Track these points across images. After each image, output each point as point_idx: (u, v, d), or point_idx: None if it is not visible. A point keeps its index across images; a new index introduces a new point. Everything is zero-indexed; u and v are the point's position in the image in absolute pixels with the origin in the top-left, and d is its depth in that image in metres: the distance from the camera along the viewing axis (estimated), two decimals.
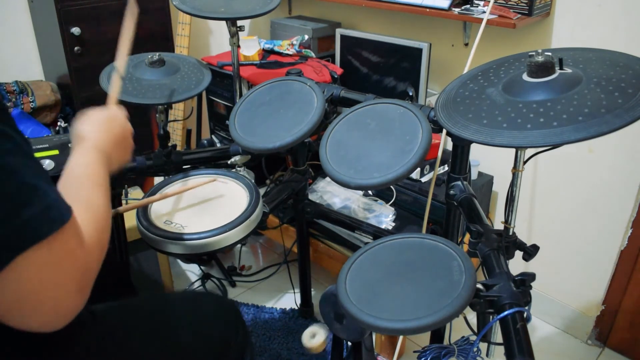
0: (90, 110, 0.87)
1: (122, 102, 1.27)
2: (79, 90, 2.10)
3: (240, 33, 1.54)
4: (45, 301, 0.55)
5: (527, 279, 0.82)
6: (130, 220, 1.37)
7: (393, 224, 1.69)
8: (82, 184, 0.72)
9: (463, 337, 0.88)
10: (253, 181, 1.22)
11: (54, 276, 0.55)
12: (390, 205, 1.77)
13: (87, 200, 0.69)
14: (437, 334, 1.32)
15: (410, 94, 1.26)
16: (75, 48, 2.03)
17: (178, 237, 1.03)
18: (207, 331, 0.99)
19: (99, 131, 0.83)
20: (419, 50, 1.69)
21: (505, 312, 0.76)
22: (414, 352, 1.69)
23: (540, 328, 1.85)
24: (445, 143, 1.51)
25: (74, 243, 0.58)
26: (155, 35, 2.23)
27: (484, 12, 1.50)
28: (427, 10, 1.60)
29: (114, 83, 1.00)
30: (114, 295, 0.95)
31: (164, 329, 0.97)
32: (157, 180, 1.41)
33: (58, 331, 0.77)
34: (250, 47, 1.92)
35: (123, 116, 0.92)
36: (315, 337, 0.88)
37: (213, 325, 1.01)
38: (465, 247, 0.98)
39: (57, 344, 0.78)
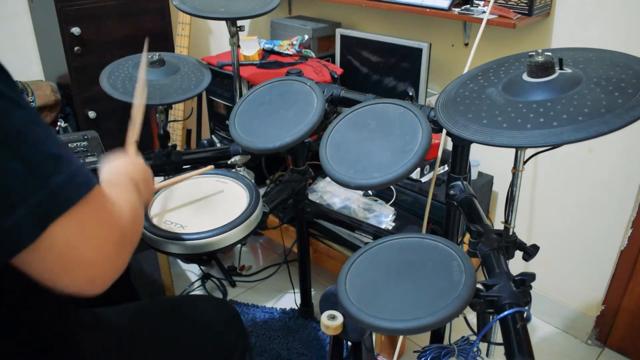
0: (113, 156, 0.89)
1: (122, 102, 1.28)
2: (79, 90, 2.10)
3: (240, 33, 1.54)
4: (87, 257, 0.57)
5: (527, 279, 0.82)
6: None
7: (393, 224, 1.69)
8: (114, 179, 0.79)
9: (463, 337, 0.88)
10: (253, 181, 1.22)
11: (90, 237, 0.57)
12: (390, 205, 1.77)
13: (119, 186, 0.75)
14: (437, 334, 1.32)
15: (410, 94, 1.26)
16: (75, 48, 2.03)
17: (178, 237, 1.03)
18: (207, 334, 1.00)
19: (126, 173, 0.86)
20: (419, 50, 1.69)
21: (505, 312, 0.76)
22: (414, 352, 1.69)
23: (540, 328, 1.85)
24: (445, 143, 1.51)
25: (103, 205, 0.60)
26: (155, 35, 2.23)
27: (484, 12, 1.50)
28: (427, 10, 1.60)
29: (131, 133, 0.99)
30: (114, 296, 0.95)
31: (166, 332, 0.97)
32: (157, 180, 1.41)
33: (61, 334, 0.78)
34: (250, 47, 1.92)
35: (143, 162, 0.94)
36: (334, 318, 0.90)
37: (213, 328, 1.02)
38: (465, 247, 0.98)
39: (60, 347, 0.78)
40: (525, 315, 0.77)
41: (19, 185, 0.51)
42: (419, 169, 1.73)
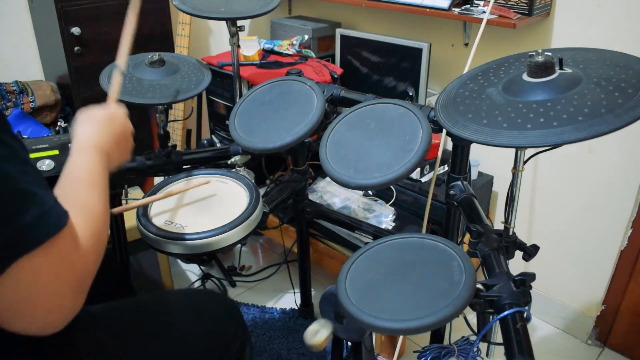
0: (90, 108, 0.87)
1: (122, 102, 1.27)
2: (79, 90, 2.10)
3: (240, 33, 1.54)
4: (42, 306, 0.56)
5: (527, 279, 0.82)
6: (130, 220, 1.37)
7: (393, 224, 1.69)
8: (79, 187, 0.72)
9: (463, 337, 0.88)
10: (253, 181, 1.22)
11: (50, 282, 0.56)
12: (390, 205, 1.77)
13: (84, 204, 0.69)
14: (437, 334, 1.32)
15: (410, 94, 1.26)
16: (75, 48, 2.03)
17: (178, 237, 1.03)
18: (207, 330, 0.99)
19: (98, 131, 0.83)
20: (419, 50, 1.69)
21: (505, 312, 0.76)
22: (414, 352, 1.69)
23: (540, 328, 1.85)
24: (445, 143, 1.51)
25: (70, 248, 0.58)
26: (155, 35, 2.23)
27: (484, 12, 1.50)
28: (427, 10, 1.60)
29: (114, 80, 0.99)
30: (113, 296, 0.95)
31: (164, 328, 0.96)
32: (157, 180, 1.41)
33: (58, 332, 0.77)
34: (250, 47, 1.92)
35: (123, 114, 0.91)
36: (318, 334, 0.89)
37: (213, 324, 1.01)
38: (465, 247, 0.98)
39: (57, 345, 0.78)
40: (525, 315, 0.77)
41: None
42: (419, 169, 1.73)
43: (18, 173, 0.54)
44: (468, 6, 1.59)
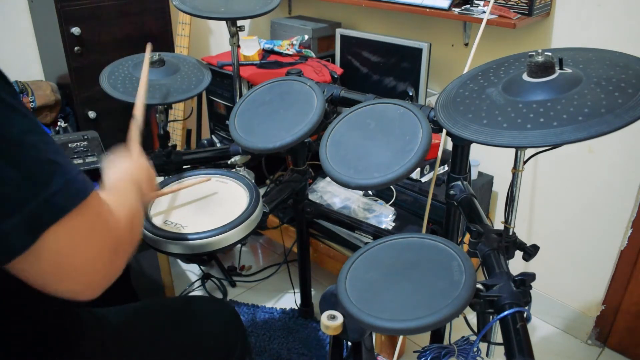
0: (117, 157, 0.89)
1: (122, 102, 1.27)
2: (79, 90, 2.10)
3: (240, 33, 1.54)
4: (78, 268, 0.57)
5: (527, 279, 0.82)
6: None
7: (393, 224, 1.69)
8: (116, 185, 0.79)
9: (463, 337, 0.88)
10: (253, 181, 1.22)
11: (84, 245, 0.58)
12: (390, 205, 1.77)
13: (119, 192, 0.75)
14: (437, 334, 1.31)
15: (410, 94, 1.26)
16: (75, 48, 2.02)
17: (178, 237, 1.03)
18: (206, 334, 1.00)
19: (128, 172, 0.86)
20: (419, 50, 1.69)
21: (505, 312, 0.76)
22: (414, 352, 1.69)
23: (540, 328, 1.85)
24: (445, 143, 1.51)
25: (98, 212, 0.61)
26: (155, 35, 2.23)
27: (484, 12, 1.50)
28: (427, 10, 1.60)
29: (133, 131, 0.99)
30: (114, 297, 0.95)
31: (165, 333, 0.97)
32: (157, 180, 1.41)
33: (61, 334, 0.78)
34: (250, 47, 1.92)
35: (147, 162, 0.94)
36: (335, 318, 0.90)
37: (214, 332, 1.02)
38: (465, 247, 0.98)
39: (60, 347, 0.78)
40: (525, 315, 0.77)
41: (15, 192, 0.51)
42: (419, 169, 1.73)
43: (41, 143, 0.55)
44: (468, 6, 1.59)
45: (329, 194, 1.80)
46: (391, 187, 1.78)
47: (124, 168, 0.86)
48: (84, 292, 0.59)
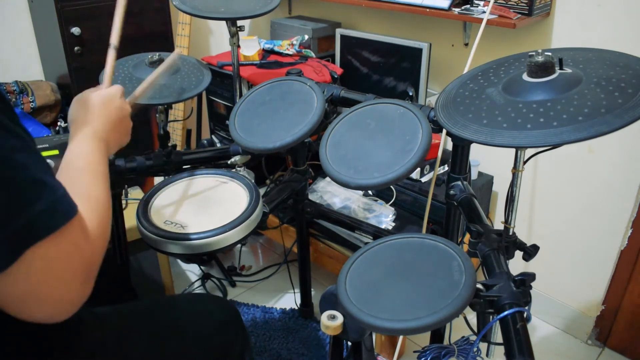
0: (85, 92, 0.86)
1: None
2: (79, 90, 2.06)
3: (240, 33, 1.54)
4: (52, 293, 0.57)
5: (527, 279, 0.82)
6: (130, 220, 1.37)
7: (393, 224, 1.69)
8: (82, 177, 0.72)
9: (463, 337, 0.88)
10: (253, 181, 1.22)
11: (61, 269, 0.57)
12: (390, 205, 1.77)
13: (88, 194, 0.69)
14: (437, 334, 1.31)
15: (410, 94, 1.26)
16: (75, 48, 2.02)
17: (178, 237, 1.03)
18: (207, 333, 1.00)
19: (95, 116, 0.82)
20: (419, 50, 1.69)
21: (505, 312, 0.76)
22: (414, 352, 1.69)
23: (540, 328, 1.85)
24: (445, 143, 1.51)
25: (80, 237, 0.59)
26: (155, 35, 2.23)
27: (484, 12, 1.50)
28: (427, 10, 1.60)
29: (108, 60, 0.97)
30: (114, 297, 0.95)
31: (165, 331, 0.97)
32: (157, 180, 1.41)
33: (61, 334, 0.78)
34: (250, 47, 1.92)
35: (118, 95, 0.90)
36: (335, 318, 0.90)
37: (213, 327, 1.02)
38: (465, 247, 0.98)
39: (60, 346, 0.78)
40: (525, 315, 0.77)
41: (0, 210, 0.51)
42: (419, 169, 1.73)
43: (30, 162, 0.55)
44: (468, 6, 1.59)
45: (329, 194, 1.80)
46: (391, 187, 1.78)
47: (91, 110, 0.82)
48: (52, 316, 0.58)
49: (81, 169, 0.73)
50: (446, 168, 1.77)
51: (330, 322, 0.90)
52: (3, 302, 0.55)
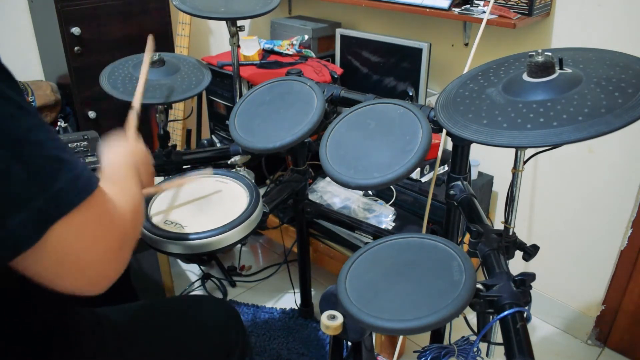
0: (114, 141, 0.89)
1: (122, 102, 1.28)
2: (79, 90, 2.10)
3: (240, 33, 1.54)
4: (86, 262, 0.58)
5: (527, 279, 0.82)
6: None
7: (393, 224, 1.69)
8: (115, 172, 0.79)
9: (463, 337, 0.88)
10: (253, 181, 1.22)
11: (90, 241, 0.58)
12: (390, 205, 1.77)
13: (120, 182, 0.75)
14: (437, 334, 1.32)
15: (410, 94, 1.26)
16: (75, 48, 2.02)
17: (178, 237, 1.03)
18: (207, 335, 1.00)
19: (125, 159, 0.86)
20: (419, 50, 1.69)
21: (505, 312, 0.76)
22: (414, 352, 1.69)
23: (540, 328, 1.85)
24: (445, 143, 1.51)
25: (104, 208, 0.61)
26: (155, 35, 2.22)
27: (484, 12, 1.50)
28: (427, 10, 1.60)
29: (130, 118, 1.00)
30: (114, 297, 0.95)
31: (165, 332, 0.97)
32: (157, 180, 1.41)
33: (62, 334, 0.78)
34: (250, 47, 1.92)
35: (143, 147, 0.94)
36: (335, 318, 0.90)
37: (215, 332, 1.02)
38: (465, 247, 0.98)
39: (61, 346, 0.78)
40: (525, 315, 0.77)
41: (22, 189, 0.52)
42: (419, 169, 1.73)
43: (47, 140, 0.55)
44: (468, 6, 1.59)
45: (329, 194, 1.80)
46: (391, 187, 1.78)
47: (121, 152, 0.86)
48: (89, 287, 0.60)
49: (114, 168, 0.80)
50: (446, 168, 1.77)
51: (330, 322, 0.90)
52: (38, 275, 0.56)
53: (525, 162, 0.96)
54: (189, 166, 1.43)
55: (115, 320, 0.92)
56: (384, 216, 1.69)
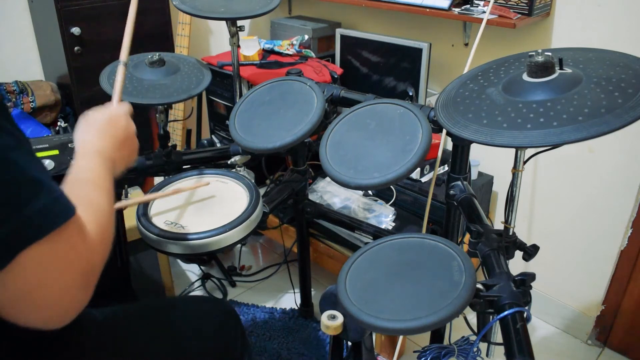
0: (91, 112, 0.85)
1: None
2: (79, 90, 2.10)
3: (240, 33, 1.54)
4: (50, 296, 0.55)
5: (527, 279, 0.82)
6: (130, 220, 1.37)
7: (393, 224, 1.69)
8: (86, 187, 0.71)
9: (463, 337, 0.88)
10: (253, 181, 1.22)
11: (58, 271, 0.55)
12: (390, 205, 1.77)
13: (91, 201, 0.68)
14: (437, 334, 1.32)
15: (410, 94, 1.26)
16: (75, 48, 2.02)
17: (178, 237, 1.03)
18: (205, 335, 1.00)
19: (101, 136, 0.81)
20: (419, 50, 1.69)
21: (505, 312, 0.76)
22: (414, 352, 1.69)
23: (540, 328, 1.85)
24: (445, 143, 1.51)
25: (77, 239, 0.58)
26: (155, 35, 2.23)
27: (484, 12, 1.50)
28: (427, 10, 1.60)
29: (118, 77, 0.96)
30: (114, 298, 0.95)
31: (164, 333, 0.97)
32: (157, 180, 1.41)
33: (61, 335, 0.77)
34: (250, 47, 1.92)
35: (125, 115, 0.89)
36: (335, 318, 0.90)
37: (211, 328, 1.02)
38: (465, 247, 0.98)
39: (59, 348, 0.78)
40: (525, 315, 0.77)
41: None
42: (419, 169, 1.73)
43: (25, 161, 0.53)
44: (468, 6, 1.59)
45: (329, 194, 1.80)
46: (391, 187, 1.78)
47: (96, 127, 0.81)
48: (47, 323, 0.57)
49: (85, 180, 0.72)
50: (446, 168, 1.77)
51: (330, 322, 0.90)
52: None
53: (525, 162, 0.96)
54: (188, 166, 1.43)
55: (114, 321, 0.92)
56: (384, 216, 1.69)
